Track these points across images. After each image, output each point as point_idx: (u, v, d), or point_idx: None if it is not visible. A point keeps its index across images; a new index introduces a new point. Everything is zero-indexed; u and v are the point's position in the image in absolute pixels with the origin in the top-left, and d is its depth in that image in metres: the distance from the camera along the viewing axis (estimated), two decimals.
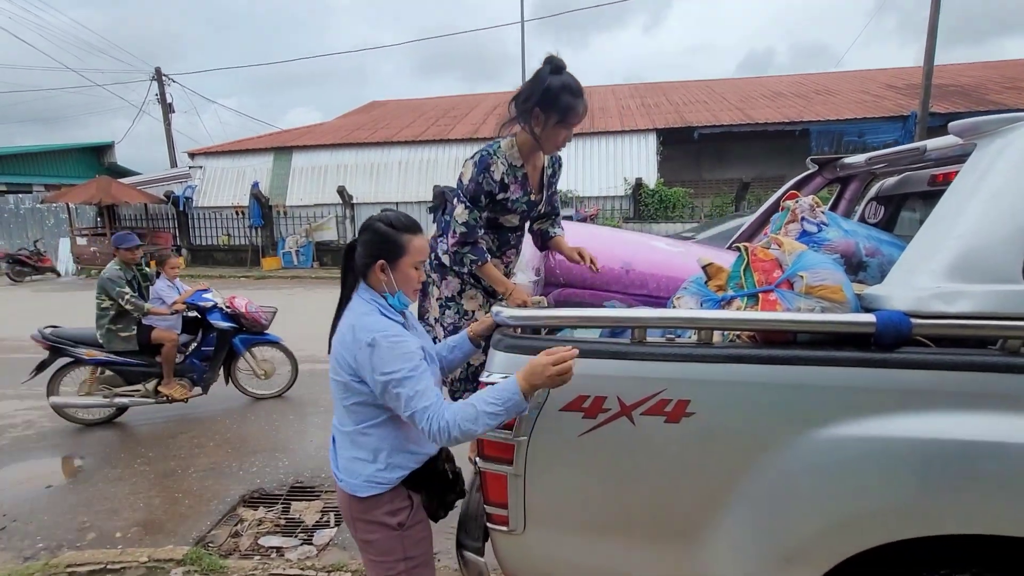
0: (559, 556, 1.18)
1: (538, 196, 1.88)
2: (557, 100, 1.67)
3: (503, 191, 1.78)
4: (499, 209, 1.81)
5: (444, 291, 1.90)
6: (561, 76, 1.69)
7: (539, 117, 1.70)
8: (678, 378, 1.07)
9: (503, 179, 1.77)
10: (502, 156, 1.78)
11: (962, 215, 1.08)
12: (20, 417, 3.82)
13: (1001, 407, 0.98)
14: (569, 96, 1.68)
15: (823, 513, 1.01)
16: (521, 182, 1.82)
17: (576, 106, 1.69)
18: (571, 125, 1.72)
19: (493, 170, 1.76)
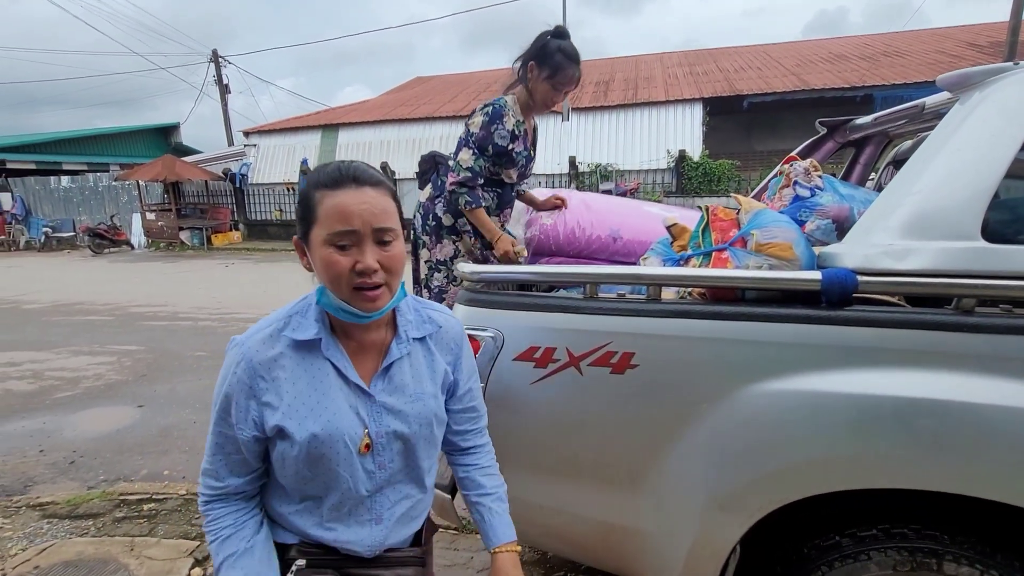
0: (514, 495, 1.26)
1: (533, 152, 1.99)
2: (551, 57, 1.81)
3: (512, 141, 1.87)
4: (505, 162, 1.90)
5: (436, 254, 1.99)
6: (561, 40, 1.83)
7: (533, 71, 1.84)
8: (623, 331, 1.11)
9: (514, 130, 1.87)
10: (511, 110, 1.89)
11: (925, 171, 1.05)
12: (92, 371, 4.28)
13: (947, 366, 0.97)
14: (562, 56, 1.81)
15: (756, 464, 1.04)
16: (523, 137, 1.93)
17: (566, 66, 1.80)
18: (559, 86, 1.83)
19: (506, 120, 1.86)
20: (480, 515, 1.01)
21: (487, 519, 1.00)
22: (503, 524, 1.00)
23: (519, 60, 1.89)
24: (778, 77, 12.60)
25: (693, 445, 1.09)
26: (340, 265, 0.78)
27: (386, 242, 0.80)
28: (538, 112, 1.95)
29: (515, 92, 1.94)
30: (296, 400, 0.83)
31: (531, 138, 2.00)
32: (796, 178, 1.64)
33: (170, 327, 5.64)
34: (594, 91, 14.29)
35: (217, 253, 13.27)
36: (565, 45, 1.83)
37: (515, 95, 1.93)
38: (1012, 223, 1.18)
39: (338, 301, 0.81)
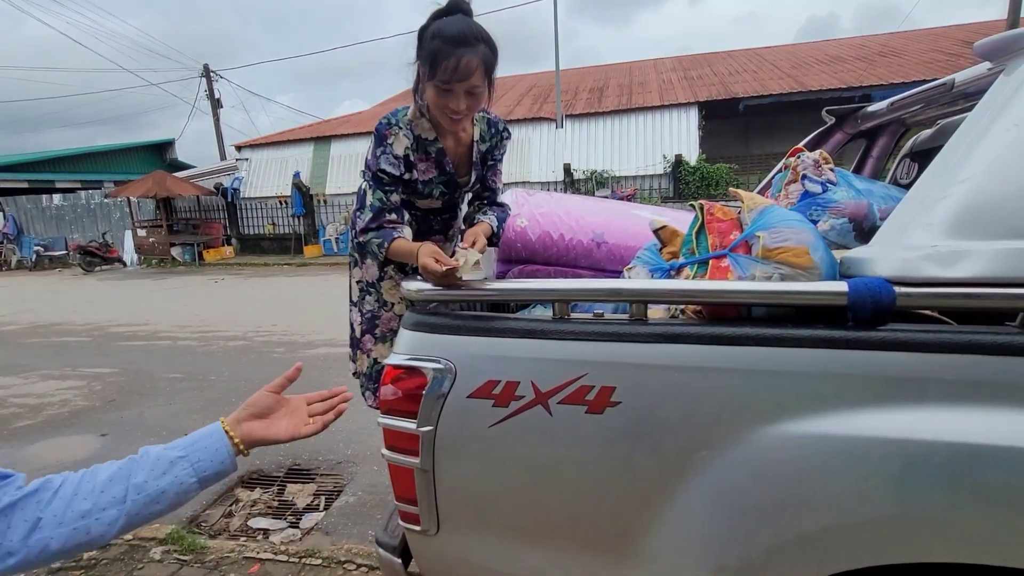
0: (478, 562, 1.04)
1: (466, 177, 1.51)
2: (426, 48, 1.28)
3: (408, 170, 1.42)
4: (409, 191, 1.48)
5: (365, 275, 1.69)
6: (444, 19, 1.29)
7: (419, 71, 1.34)
8: (601, 361, 0.89)
9: (407, 155, 1.41)
10: (406, 126, 1.41)
11: (972, 155, 0.84)
12: (58, 397, 4.05)
13: (1016, 400, 0.75)
14: (439, 42, 1.25)
15: (775, 528, 0.82)
16: (435, 159, 1.45)
17: (442, 54, 1.24)
18: (443, 84, 1.27)
19: (392, 142, 1.40)
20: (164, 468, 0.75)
21: (175, 450, 0.79)
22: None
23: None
24: (774, 79, 12.48)
25: (692, 503, 0.87)
26: None
27: None
28: (448, 127, 1.41)
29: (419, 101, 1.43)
30: None
31: (465, 155, 1.50)
32: (805, 172, 1.43)
33: (148, 347, 5.41)
34: (588, 97, 14.17)
35: (208, 269, 13.07)
36: (445, 24, 1.27)
37: (425, 103, 1.40)
38: None
39: None
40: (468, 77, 1.26)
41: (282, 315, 6.58)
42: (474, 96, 1.32)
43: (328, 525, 2.31)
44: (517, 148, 12.74)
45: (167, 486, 0.73)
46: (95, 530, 0.68)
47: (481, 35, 1.29)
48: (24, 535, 0.64)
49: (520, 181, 12.30)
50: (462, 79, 1.26)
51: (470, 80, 1.27)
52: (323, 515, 2.40)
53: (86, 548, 0.69)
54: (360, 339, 1.73)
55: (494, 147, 1.56)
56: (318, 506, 2.50)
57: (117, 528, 0.70)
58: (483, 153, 1.53)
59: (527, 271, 1.54)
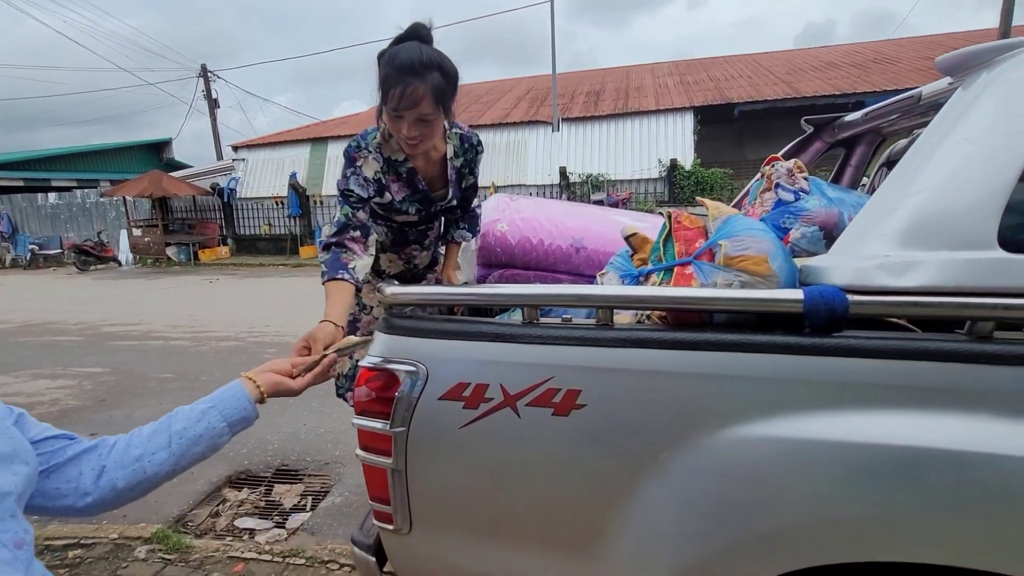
0: (449, 561, 1.06)
1: (442, 191, 1.52)
2: (380, 74, 1.28)
3: (380, 193, 1.43)
4: (384, 209, 1.50)
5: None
6: (398, 45, 1.29)
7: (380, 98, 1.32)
8: (567, 364, 0.92)
9: (377, 176, 1.42)
10: (375, 148, 1.41)
11: (925, 168, 0.87)
12: (48, 396, 4.05)
13: (963, 406, 0.78)
14: (389, 69, 1.25)
15: (729, 529, 0.84)
16: (407, 179, 1.47)
17: (392, 80, 1.24)
18: (394, 111, 1.28)
19: (361, 165, 1.41)
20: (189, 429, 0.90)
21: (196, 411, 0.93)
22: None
23: None
24: (769, 85, 12.56)
25: (652, 503, 0.89)
26: None
27: None
28: (407, 152, 1.41)
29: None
30: None
31: (438, 172, 1.50)
32: (778, 180, 1.46)
33: (140, 347, 5.41)
34: (585, 101, 14.23)
35: (204, 269, 13.05)
36: (397, 51, 1.26)
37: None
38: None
39: None
40: (415, 105, 1.26)
41: (276, 316, 6.59)
42: (426, 123, 1.31)
43: (314, 525, 2.33)
44: (513, 151, 12.78)
45: (203, 431, 0.88)
46: (150, 469, 0.82)
47: (434, 62, 1.27)
48: (94, 479, 0.79)
49: (516, 184, 12.34)
50: (409, 107, 1.26)
51: (418, 108, 1.27)
52: (309, 515, 2.41)
53: (147, 485, 0.83)
54: None
55: (469, 162, 1.56)
56: (305, 506, 2.51)
57: (168, 467, 0.84)
58: (458, 168, 1.54)
59: (507, 276, 1.57)
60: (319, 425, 3.31)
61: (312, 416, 3.46)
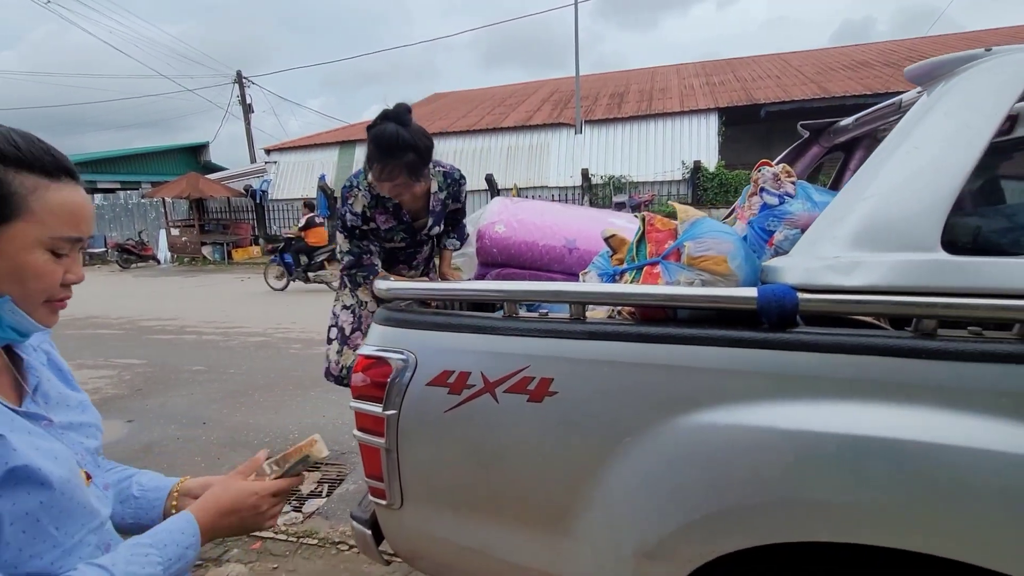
0: (436, 534, 1.16)
1: (423, 221, 1.81)
2: (368, 145, 1.61)
3: (365, 224, 1.74)
4: (375, 236, 1.80)
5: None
6: (376, 128, 1.59)
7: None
8: (541, 355, 1.00)
9: (364, 212, 1.73)
10: (364, 188, 1.72)
11: (878, 174, 0.92)
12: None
13: (902, 398, 0.83)
14: (373, 148, 1.59)
15: (684, 509, 0.91)
16: (393, 212, 1.76)
17: (375, 157, 1.58)
18: (378, 180, 1.62)
19: (352, 202, 1.73)
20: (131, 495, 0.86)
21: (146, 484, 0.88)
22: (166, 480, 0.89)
23: None
24: (797, 85, 12.32)
25: (618, 484, 0.97)
26: (54, 276, 0.65)
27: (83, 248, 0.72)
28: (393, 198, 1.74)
29: None
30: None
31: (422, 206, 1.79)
32: (764, 184, 1.51)
33: (174, 341, 5.71)
34: (608, 103, 14.21)
35: (237, 267, 13.55)
36: (377, 133, 1.56)
37: None
38: (980, 231, 1.03)
39: (17, 316, 0.64)
40: (392, 179, 1.60)
41: (302, 313, 6.83)
42: (403, 187, 1.63)
43: (328, 510, 2.46)
44: (535, 153, 12.86)
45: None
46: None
47: (409, 144, 1.56)
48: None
49: (538, 186, 12.42)
50: (387, 180, 1.60)
51: (394, 180, 1.60)
52: (324, 501, 2.54)
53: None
54: (350, 337, 1.91)
55: (453, 194, 1.86)
56: (321, 493, 2.65)
57: None
58: (442, 201, 1.83)
59: (504, 274, 1.66)
60: (337, 417, 3.46)
61: (331, 408, 3.61)
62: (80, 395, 0.81)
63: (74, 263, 0.68)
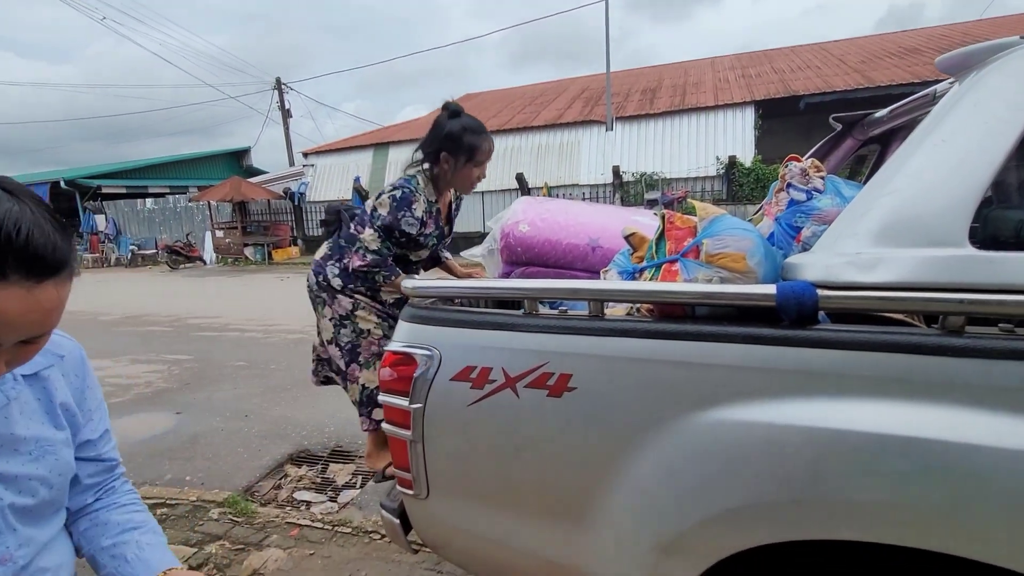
0: (460, 524, 1.20)
1: (446, 228, 1.96)
2: (461, 141, 1.76)
3: (422, 226, 1.82)
4: (411, 245, 1.86)
5: (336, 310, 1.98)
6: (460, 119, 1.78)
7: (448, 160, 1.79)
8: (560, 351, 1.02)
9: (423, 216, 1.81)
10: (422, 193, 1.82)
11: (903, 168, 0.90)
12: (144, 378, 4.59)
13: (927, 397, 0.82)
14: (472, 135, 1.77)
15: (701, 504, 0.92)
16: (435, 217, 1.88)
17: (479, 143, 1.78)
18: (481, 163, 1.81)
19: (415, 207, 1.79)
20: (124, 558, 0.76)
21: (142, 554, 0.77)
22: (163, 551, 0.81)
23: (422, 150, 1.85)
24: (839, 75, 11.84)
25: (635, 479, 0.98)
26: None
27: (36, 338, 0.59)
28: (464, 192, 1.93)
29: (426, 171, 1.87)
30: None
31: (446, 213, 1.97)
32: (791, 180, 1.48)
33: (218, 337, 5.98)
34: (640, 99, 14.02)
35: (277, 267, 14.05)
36: (467, 122, 1.78)
37: (427, 173, 1.87)
38: (1010, 226, 0.99)
39: None
40: (490, 155, 1.84)
41: None
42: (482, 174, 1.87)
43: (362, 501, 2.55)
44: (566, 152, 12.81)
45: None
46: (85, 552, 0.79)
47: None
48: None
49: (569, 184, 12.37)
50: (485, 162, 1.83)
51: (485, 164, 1.85)
52: (359, 492, 2.64)
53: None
54: (346, 370, 1.98)
55: (458, 207, 2.06)
56: (355, 484, 2.74)
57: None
58: (454, 211, 2.03)
59: (528, 273, 1.68)
60: None
61: None
62: (57, 436, 0.73)
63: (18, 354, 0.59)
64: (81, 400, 0.78)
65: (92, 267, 16.64)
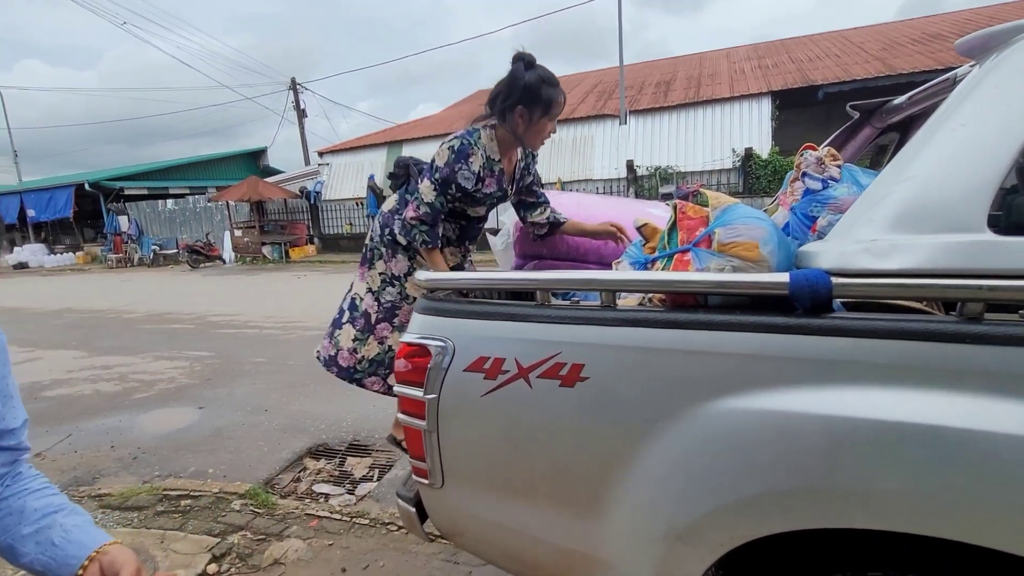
0: (475, 513, 1.21)
1: (509, 189, 1.86)
2: (539, 94, 1.67)
3: (478, 183, 1.75)
4: (469, 200, 1.79)
5: (392, 268, 1.96)
6: (536, 70, 1.69)
7: (523, 114, 1.70)
8: (572, 341, 1.03)
9: (480, 171, 1.74)
10: (482, 148, 1.74)
11: (920, 154, 0.89)
12: (167, 375, 4.71)
13: (945, 384, 0.81)
14: (549, 88, 1.69)
15: (715, 493, 0.92)
16: (497, 176, 1.79)
17: (557, 96, 1.70)
18: (555, 116, 1.73)
19: (472, 160, 1.72)
20: (50, 541, 0.75)
21: (70, 536, 0.75)
22: (92, 529, 0.79)
23: (496, 102, 1.73)
24: (859, 63, 11.57)
25: (649, 468, 0.99)
26: None
27: None
28: (534, 148, 1.83)
29: (492, 127, 1.77)
30: None
31: (512, 174, 1.87)
32: (806, 169, 1.46)
33: (238, 335, 6.10)
34: (654, 92, 13.87)
35: (294, 266, 14.25)
36: (543, 74, 1.70)
37: (492, 130, 1.77)
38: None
39: None
40: (563, 109, 1.74)
41: None
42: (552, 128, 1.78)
43: (379, 493, 2.59)
44: (579, 146, 12.74)
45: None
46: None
47: None
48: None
49: (582, 179, 12.31)
50: (561, 110, 1.73)
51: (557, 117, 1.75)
52: (376, 485, 2.68)
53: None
54: (375, 326, 1.97)
55: (527, 166, 1.90)
56: (372, 477, 2.79)
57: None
58: (522, 171, 1.89)
59: (541, 266, 1.69)
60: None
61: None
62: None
63: None
64: (3, 386, 0.78)
65: (116, 267, 17.06)
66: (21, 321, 7.84)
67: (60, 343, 6.17)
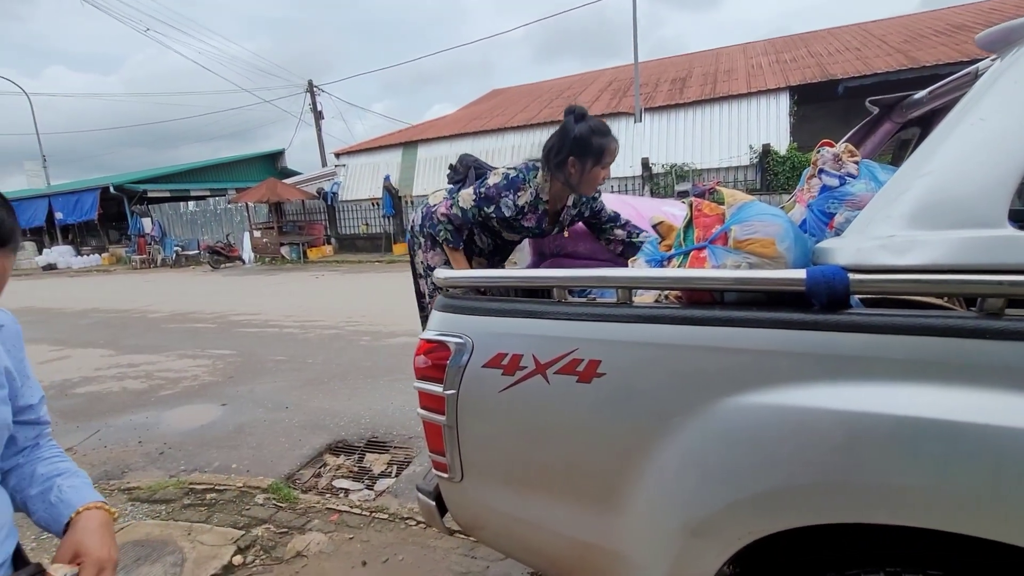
0: (494, 507, 1.24)
1: (550, 227, 1.92)
2: (589, 144, 1.73)
3: (519, 214, 1.83)
4: (504, 225, 1.86)
5: (429, 259, 2.02)
6: (586, 122, 1.76)
7: (575, 164, 1.76)
8: (589, 338, 1.05)
9: (524, 206, 1.82)
10: (535, 186, 1.82)
11: (939, 149, 0.89)
12: (191, 372, 4.83)
13: (965, 380, 0.80)
14: (599, 138, 1.75)
15: (731, 488, 0.93)
16: (540, 215, 1.86)
17: (608, 144, 1.77)
18: (607, 164, 1.79)
19: (520, 195, 1.81)
20: (48, 501, 0.85)
21: (63, 496, 0.85)
22: (86, 490, 0.88)
23: (550, 155, 1.79)
24: (880, 57, 11.32)
25: (665, 463, 1.00)
26: None
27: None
28: (587, 194, 1.87)
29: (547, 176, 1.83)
30: None
31: (555, 215, 1.91)
32: (823, 165, 1.46)
33: (259, 333, 6.22)
34: (669, 89, 13.75)
35: (311, 266, 14.45)
36: (595, 124, 1.77)
37: (548, 179, 1.83)
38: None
39: None
40: (616, 155, 1.81)
41: (371, 307, 7.21)
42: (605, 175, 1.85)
43: (397, 489, 2.63)
44: None
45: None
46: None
47: None
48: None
49: None
50: (610, 162, 1.80)
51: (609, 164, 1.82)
52: (394, 481, 2.72)
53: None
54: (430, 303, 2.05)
55: (585, 206, 1.96)
56: (391, 473, 2.83)
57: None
58: (572, 216, 1.94)
59: (557, 264, 1.71)
60: (405, 404, 3.66)
61: (399, 396, 3.82)
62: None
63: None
64: (21, 367, 0.87)
65: (140, 268, 17.48)
66: (51, 321, 8.10)
67: (88, 342, 6.36)
